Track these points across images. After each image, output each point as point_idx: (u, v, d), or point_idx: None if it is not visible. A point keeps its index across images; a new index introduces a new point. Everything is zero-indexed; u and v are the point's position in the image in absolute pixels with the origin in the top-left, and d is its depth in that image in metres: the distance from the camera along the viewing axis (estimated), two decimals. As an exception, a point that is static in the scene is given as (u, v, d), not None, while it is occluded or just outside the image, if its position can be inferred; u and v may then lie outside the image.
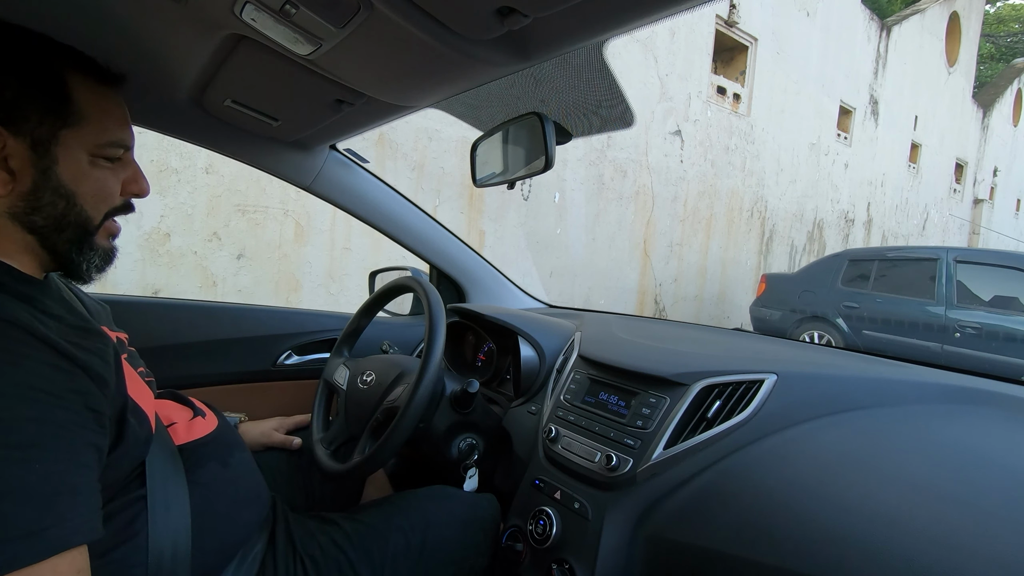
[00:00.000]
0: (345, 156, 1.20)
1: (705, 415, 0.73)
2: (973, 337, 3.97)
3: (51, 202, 0.54)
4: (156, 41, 0.71)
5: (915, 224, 10.19)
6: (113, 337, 0.68)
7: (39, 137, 0.52)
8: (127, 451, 0.54)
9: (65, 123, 0.53)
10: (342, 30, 0.56)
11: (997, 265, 4.17)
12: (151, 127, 0.97)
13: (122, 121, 0.59)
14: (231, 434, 0.75)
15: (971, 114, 11.42)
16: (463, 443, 0.94)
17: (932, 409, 0.73)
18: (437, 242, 1.39)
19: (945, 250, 4.41)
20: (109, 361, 0.53)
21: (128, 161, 0.61)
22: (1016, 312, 3.89)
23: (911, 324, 4.34)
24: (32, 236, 0.54)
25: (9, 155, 0.51)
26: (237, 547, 0.66)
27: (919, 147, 9.90)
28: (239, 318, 1.26)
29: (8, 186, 0.52)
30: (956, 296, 4.16)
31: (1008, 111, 12.64)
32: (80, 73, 0.55)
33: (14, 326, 0.46)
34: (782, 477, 0.62)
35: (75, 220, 0.56)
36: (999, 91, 12.36)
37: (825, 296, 4.94)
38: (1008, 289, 3.98)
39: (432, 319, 0.85)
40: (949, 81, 10.34)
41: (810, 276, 5.23)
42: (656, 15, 0.51)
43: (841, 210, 8.28)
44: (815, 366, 0.82)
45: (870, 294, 4.70)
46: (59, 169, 0.54)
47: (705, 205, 6.15)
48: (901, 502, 0.54)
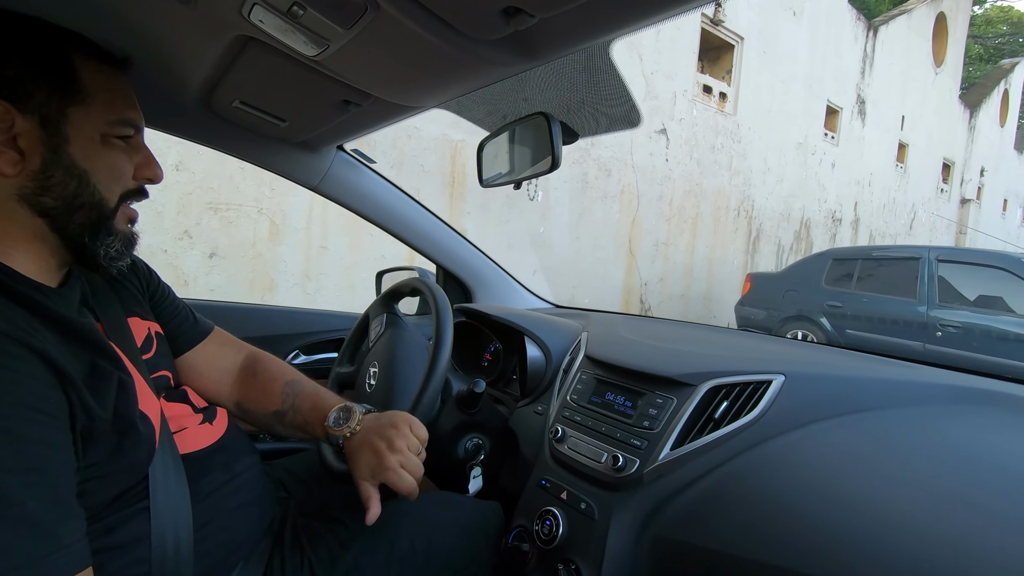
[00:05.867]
0: (352, 156, 1.20)
1: (712, 416, 0.72)
2: (955, 336, 3.97)
3: (62, 182, 0.53)
4: (165, 43, 0.72)
5: (902, 224, 10.24)
6: (144, 328, 0.68)
7: (47, 115, 0.51)
8: (129, 464, 0.53)
9: (72, 100, 0.53)
10: (349, 31, 0.56)
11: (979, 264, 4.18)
12: (160, 128, 0.97)
13: (130, 101, 0.59)
14: (239, 439, 0.73)
15: (958, 114, 11.49)
16: (469, 443, 0.94)
17: (942, 410, 0.72)
18: (444, 242, 1.39)
19: (927, 249, 4.41)
20: (112, 381, 0.52)
21: (139, 145, 0.61)
22: (1000, 312, 3.88)
23: (893, 323, 4.34)
24: (42, 220, 0.53)
25: (18, 133, 0.50)
26: (241, 550, 0.65)
27: (906, 147, 9.95)
28: (247, 318, 1.27)
29: (17, 166, 0.51)
30: (938, 295, 4.17)
31: (995, 112, 12.73)
32: (84, 53, 0.55)
33: (9, 339, 0.45)
34: (790, 478, 0.61)
35: (88, 201, 0.54)
36: (986, 92, 12.44)
37: (809, 295, 4.94)
38: (993, 289, 3.98)
39: (439, 320, 0.86)
40: (936, 81, 10.39)
41: (794, 275, 5.23)
42: (661, 14, 0.51)
43: (828, 209, 8.30)
44: (823, 367, 0.82)
45: (853, 293, 4.70)
46: (70, 148, 0.53)
47: (691, 204, 6.14)
48: (910, 504, 0.53)
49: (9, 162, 0.51)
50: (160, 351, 0.69)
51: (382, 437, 0.69)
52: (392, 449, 0.68)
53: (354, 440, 0.71)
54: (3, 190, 0.51)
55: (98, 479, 0.50)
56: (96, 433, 0.49)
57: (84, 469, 0.48)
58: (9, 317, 0.46)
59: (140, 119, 0.60)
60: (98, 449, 0.50)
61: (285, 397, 0.80)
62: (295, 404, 0.79)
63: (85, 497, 0.48)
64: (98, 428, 0.49)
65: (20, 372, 0.44)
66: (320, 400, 0.78)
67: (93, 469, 0.50)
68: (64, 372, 0.47)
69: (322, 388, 0.82)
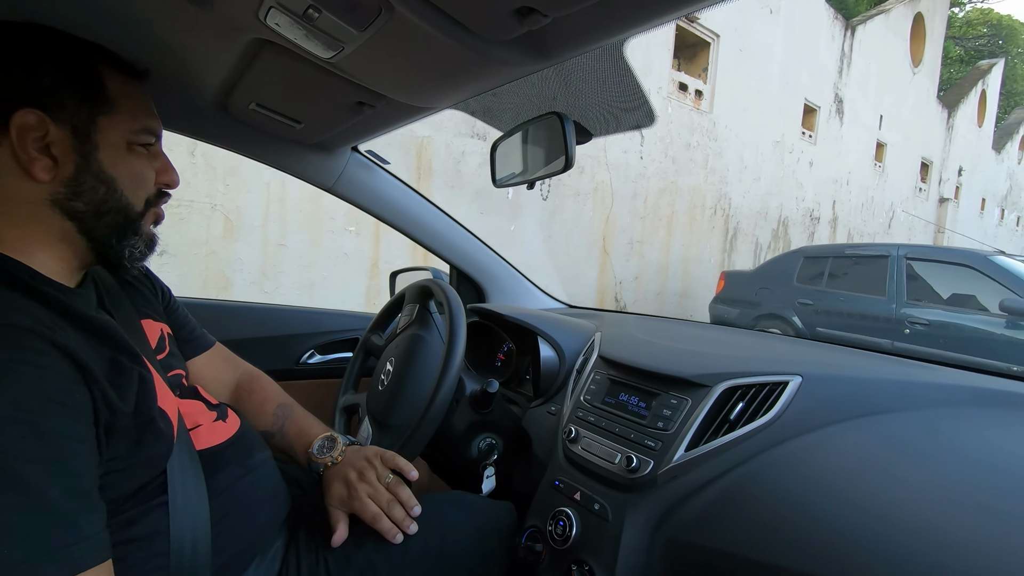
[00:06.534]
0: (366, 157, 1.22)
1: (728, 417, 0.71)
2: (923, 334, 3.98)
3: (92, 187, 0.56)
4: (183, 47, 0.73)
5: (881, 222, 10.32)
6: (157, 330, 0.71)
7: (78, 124, 0.54)
8: (149, 460, 0.55)
9: (100, 110, 0.56)
10: (363, 33, 0.57)
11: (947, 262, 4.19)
12: (179, 131, 0.99)
13: (150, 110, 0.62)
14: (252, 435, 0.75)
15: (936, 114, 11.60)
16: (482, 443, 0.96)
17: (962, 413, 0.72)
18: (457, 242, 1.40)
19: (896, 247, 4.42)
20: (133, 377, 0.54)
21: (158, 152, 0.64)
22: (973, 310, 3.88)
23: (863, 320, 4.35)
24: (71, 223, 0.56)
25: (52, 141, 0.53)
26: (256, 546, 0.67)
27: (884, 146, 10.02)
28: (263, 317, 1.31)
29: (51, 172, 0.54)
30: (907, 293, 4.17)
31: (972, 112, 12.88)
32: (109, 64, 0.58)
33: (35, 335, 0.46)
34: (806, 481, 0.61)
35: (115, 206, 0.58)
36: (964, 92, 12.58)
37: (781, 293, 4.94)
38: (967, 287, 3.98)
39: (452, 320, 0.87)
40: (914, 81, 10.48)
41: (767, 273, 5.23)
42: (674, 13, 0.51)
43: (806, 208, 8.33)
44: (841, 368, 0.82)
45: (824, 291, 4.71)
46: (100, 155, 0.56)
47: (666, 202, 6.12)
48: (928, 508, 0.53)
49: (44, 169, 0.53)
50: (173, 352, 0.73)
51: (355, 468, 0.75)
52: (362, 480, 0.74)
53: (332, 470, 0.77)
54: (36, 195, 0.54)
55: (118, 473, 0.52)
56: (118, 428, 0.51)
57: (106, 463, 0.50)
58: (33, 314, 0.48)
59: (159, 127, 0.63)
60: (119, 443, 0.52)
61: (275, 419, 0.84)
62: (283, 428, 0.84)
63: (106, 491, 0.50)
64: (120, 423, 0.51)
65: (44, 367, 0.45)
66: (307, 427, 0.83)
67: (114, 463, 0.51)
68: (87, 367, 0.48)
69: (310, 415, 0.87)
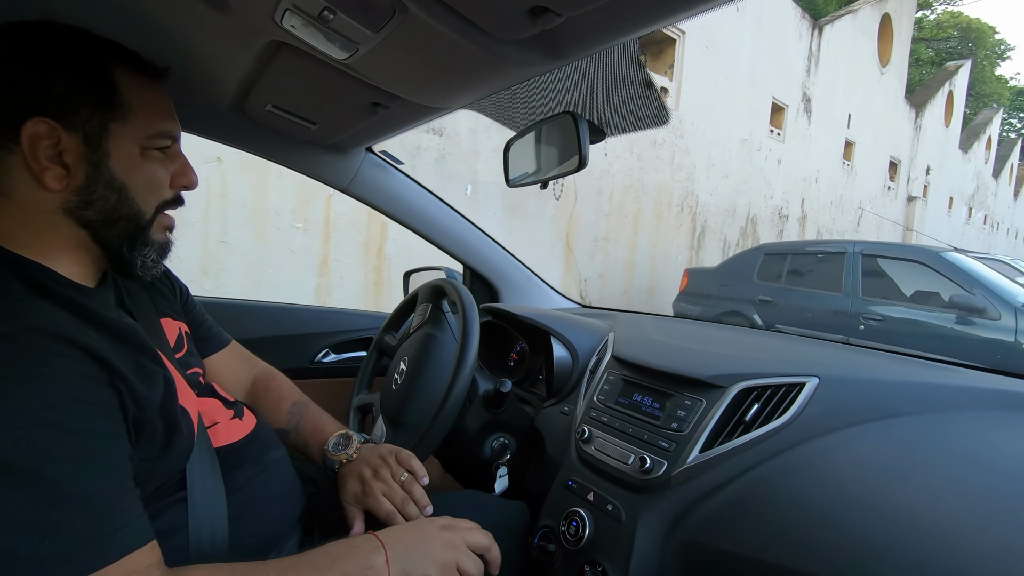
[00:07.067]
0: (380, 158, 1.22)
1: (743, 418, 0.71)
2: (878, 329, 4.00)
3: (104, 196, 0.55)
4: (200, 50, 0.73)
5: (850, 220, 10.46)
6: (176, 328, 0.71)
7: (90, 131, 0.54)
8: (172, 458, 0.56)
9: (113, 116, 0.55)
10: (378, 34, 0.57)
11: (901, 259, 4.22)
12: (195, 132, 0.99)
13: (168, 112, 0.61)
14: (267, 433, 0.76)
15: (904, 114, 11.81)
16: (495, 443, 0.96)
17: (983, 416, 0.71)
18: (470, 242, 1.41)
19: (852, 244, 4.45)
20: (158, 378, 0.54)
21: (175, 153, 0.63)
22: (934, 307, 3.89)
23: (819, 316, 4.37)
24: (85, 231, 0.56)
25: (64, 150, 0.53)
26: (272, 543, 0.67)
27: (853, 145, 10.16)
28: (278, 316, 1.33)
29: (63, 181, 0.53)
30: (862, 289, 4.20)
31: (940, 112, 13.14)
32: (124, 67, 0.57)
33: (56, 338, 0.46)
34: (822, 484, 0.60)
35: (127, 214, 0.57)
36: (931, 92, 12.83)
37: (742, 289, 4.94)
38: (930, 284, 3.99)
39: (465, 320, 0.88)
40: (882, 81, 10.64)
41: (729, 270, 5.25)
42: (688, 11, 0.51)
43: (775, 206, 8.39)
44: (859, 369, 0.81)
45: (783, 288, 4.73)
46: (111, 162, 0.55)
47: (631, 199, 6.09)
48: (948, 514, 0.52)
49: (55, 178, 0.53)
50: (191, 350, 0.73)
51: (369, 466, 0.75)
52: (377, 478, 0.74)
53: (347, 467, 0.77)
54: (50, 204, 0.54)
55: (145, 472, 0.52)
56: (147, 424, 0.51)
57: (138, 463, 0.51)
58: (54, 318, 0.48)
59: (177, 129, 0.62)
60: (151, 444, 0.52)
61: (291, 417, 0.85)
62: (299, 425, 0.84)
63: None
64: (148, 418, 0.52)
65: (64, 368, 0.46)
66: (322, 425, 0.83)
67: (145, 463, 0.52)
68: (111, 366, 0.48)
69: (325, 413, 0.87)
